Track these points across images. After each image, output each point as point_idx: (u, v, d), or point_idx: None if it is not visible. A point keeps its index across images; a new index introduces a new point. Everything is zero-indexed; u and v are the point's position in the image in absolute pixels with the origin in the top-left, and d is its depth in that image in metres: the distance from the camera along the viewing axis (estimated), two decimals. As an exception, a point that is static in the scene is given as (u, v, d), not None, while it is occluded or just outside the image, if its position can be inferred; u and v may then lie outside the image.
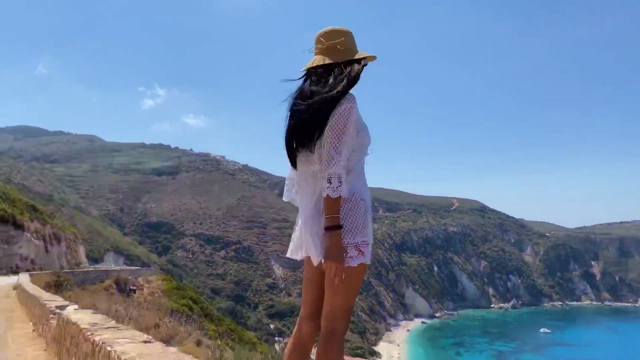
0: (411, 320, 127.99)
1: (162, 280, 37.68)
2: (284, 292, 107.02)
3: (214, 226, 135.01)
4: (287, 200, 2.33)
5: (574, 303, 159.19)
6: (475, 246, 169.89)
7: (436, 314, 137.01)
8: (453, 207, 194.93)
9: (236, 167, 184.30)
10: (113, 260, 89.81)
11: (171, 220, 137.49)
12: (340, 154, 1.92)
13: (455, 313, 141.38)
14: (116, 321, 5.58)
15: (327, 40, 2.17)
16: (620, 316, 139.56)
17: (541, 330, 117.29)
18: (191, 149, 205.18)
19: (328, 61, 2.14)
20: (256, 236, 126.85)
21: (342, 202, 1.93)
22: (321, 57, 2.16)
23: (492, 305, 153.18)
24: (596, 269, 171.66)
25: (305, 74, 2.21)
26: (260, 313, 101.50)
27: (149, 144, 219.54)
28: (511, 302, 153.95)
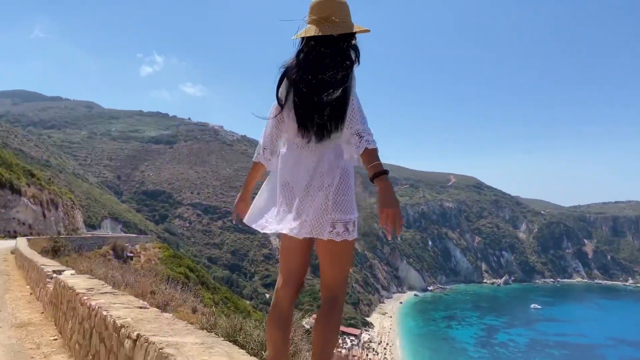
0: (404, 293, 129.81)
1: (159, 248, 37.93)
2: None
3: (212, 196, 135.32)
4: (258, 161, 2.27)
5: (566, 280, 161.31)
6: (470, 222, 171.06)
7: (429, 288, 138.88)
8: (450, 183, 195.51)
9: (234, 138, 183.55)
10: (110, 227, 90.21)
11: (168, 189, 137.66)
12: (366, 123, 2.02)
13: (447, 287, 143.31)
14: (113, 287, 5.66)
15: (322, 11, 2.12)
16: (609, 294, 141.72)
17: (532, 306, 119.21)
18: (189, 118, 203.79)
19: (321, 33, 2.08)
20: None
21: (342, 179, 2.01)
22: (314, 28, 2.10)
23: (485, 280, 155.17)
24: (589, 248, 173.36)
25: (301, 44, 2.15)
26: (256, 282, 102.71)
27: (147, 112, 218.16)
28: (503, 278, 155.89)
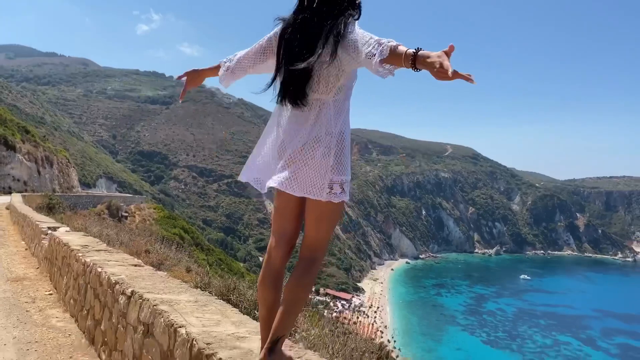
0: (396, 260, 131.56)
1: (154, 208, 38.10)
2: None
3: (207, 159, 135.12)
4: (220, 64, 2.25)
5: (556, 252, 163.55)
6: (464, 192, 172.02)
7: (421, 256, 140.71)
8: (446, 153, 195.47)
9: (231, 101, 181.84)
10: (105, 186, 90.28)
11: (164, 150, 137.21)
12: (372, 39, 1.84)
13: (439, 256, 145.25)
14: (107, 245, 5.68)
15: None
16: (598, 267, 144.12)
17: (521, 276, 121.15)
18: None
19: None
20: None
21: (339, 141, 1.92)
22: None
23: (476, 250, 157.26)
24: (581, 221, 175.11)
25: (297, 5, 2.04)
26: (250, 246, 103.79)
27: (143, 71, 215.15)
28: (495, 249, 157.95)
